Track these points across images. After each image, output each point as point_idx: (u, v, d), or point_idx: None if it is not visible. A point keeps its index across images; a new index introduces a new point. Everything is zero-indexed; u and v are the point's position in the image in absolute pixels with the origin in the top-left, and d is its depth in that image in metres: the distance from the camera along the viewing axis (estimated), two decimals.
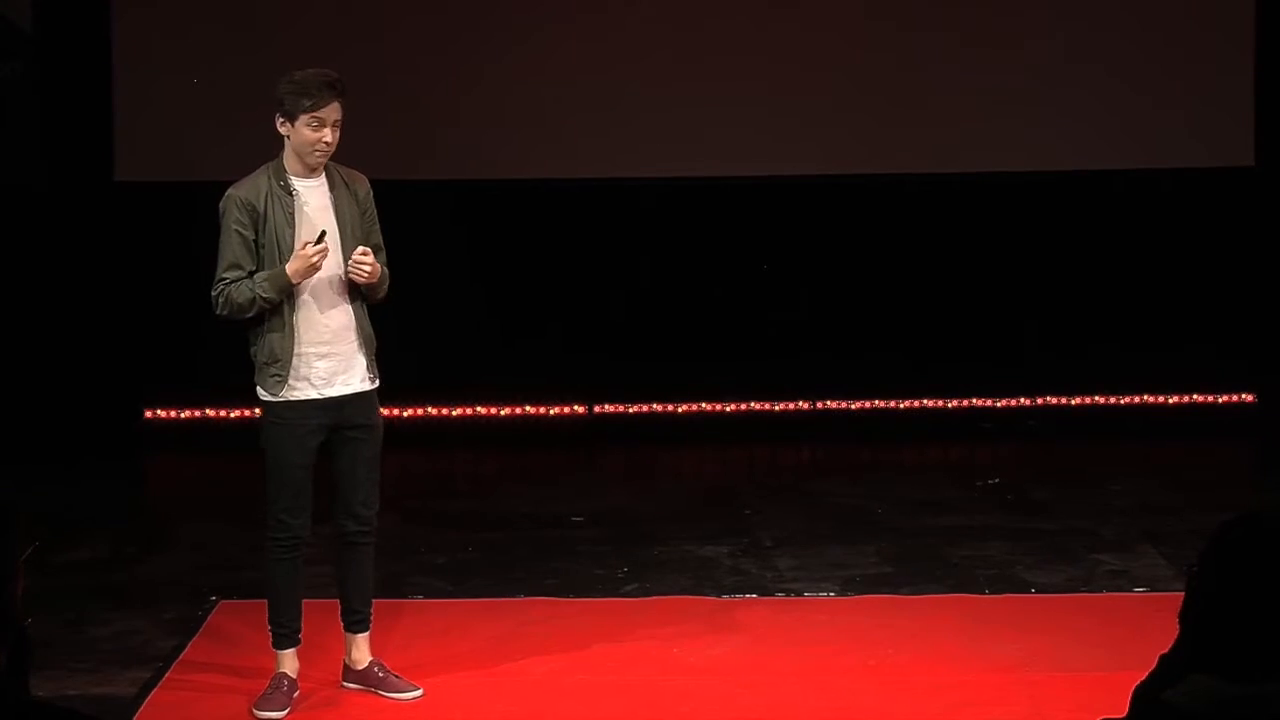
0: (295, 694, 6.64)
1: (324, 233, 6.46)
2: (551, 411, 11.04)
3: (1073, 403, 11.13)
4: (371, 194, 6.75)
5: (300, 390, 6.50)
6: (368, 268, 6.49)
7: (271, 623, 6.67)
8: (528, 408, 11.08)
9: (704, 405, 11.11)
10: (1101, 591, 7.90)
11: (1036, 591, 7.92)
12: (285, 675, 6.64)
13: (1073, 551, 8.47)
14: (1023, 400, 11.13)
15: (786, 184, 10.93)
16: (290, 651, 6.67)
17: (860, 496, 9.57)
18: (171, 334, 10.91)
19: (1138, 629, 7.09)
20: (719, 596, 7.87)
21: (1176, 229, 10.99)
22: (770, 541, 8.73)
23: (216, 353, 10.90)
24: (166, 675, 6.93)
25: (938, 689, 6.71)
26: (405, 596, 7.92)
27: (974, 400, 11.14)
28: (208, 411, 11.03)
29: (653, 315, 11.01)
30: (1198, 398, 11.13)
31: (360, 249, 6.51)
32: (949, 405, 11.15)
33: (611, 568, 8.34)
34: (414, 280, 11.06)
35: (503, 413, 11.12)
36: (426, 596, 7.93)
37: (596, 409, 11.05)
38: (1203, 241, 10.98)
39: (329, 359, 6.54)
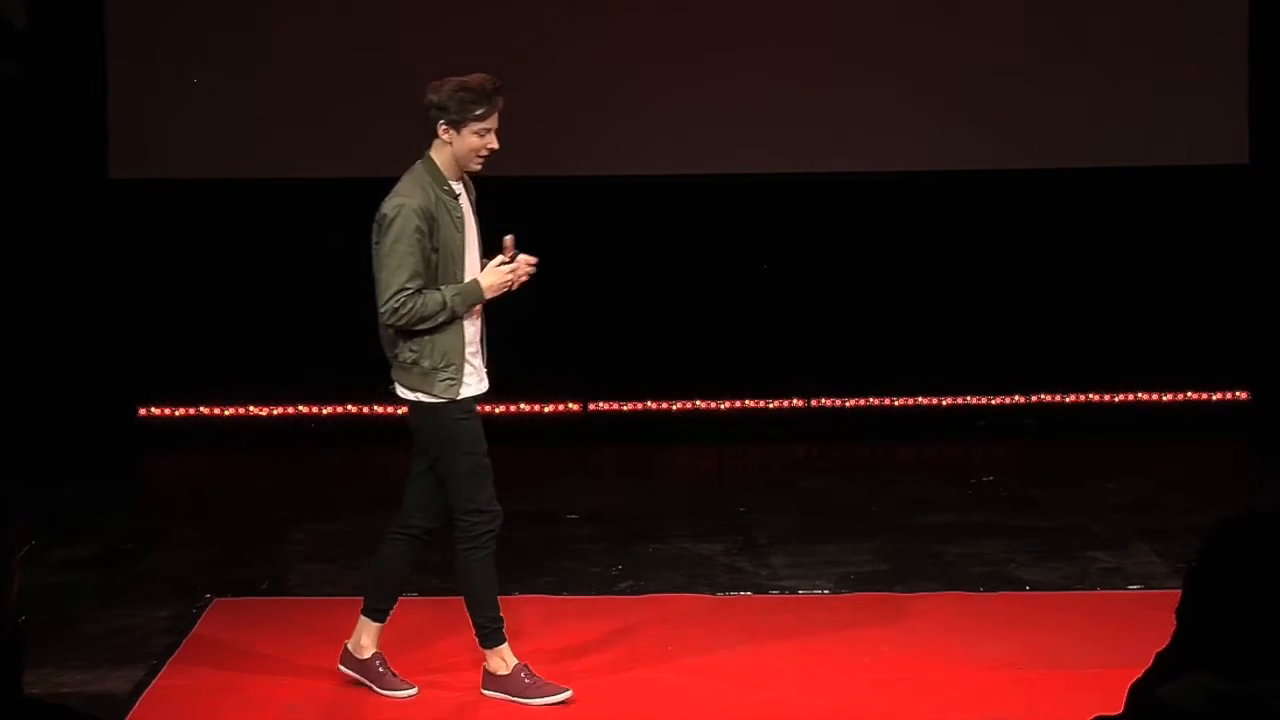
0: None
1: (516, 253, 6.52)
2: (546, 409, 11.03)
3: (1067, 401, 11.14)
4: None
5: (470, 387, 6.56)
6: (520, 273, 6.57)
7: (486, 619, 6.67)
8: (523, 405, 11.07)
9: (699, 403, 11.11)
10: (1096, 589, 7.91)
11: (1031, 589, 7.92)
12: (520, 666, 6.67)
13: (1067, 549, 8.48)
14: (1018, 398, 11.14)
15: (784, 183, 10.93)
16: (506, 645, 6.69)
17: (855, 494, 9.57)
18: (166, 332, 10.91)
19: (1132, 626, 7.10)
20: (714, 594, 7.87)
21: (1171, 227, 10.99)
22: (765, 539, 8.74)
23: (211, 351, 10.96)
24: (161, 673, 6.93)
25: (932, 686, 6.72)
26: (401, 594, 7.91)
27: (969, 398, 11.15)
28: (202, 409, 11.03)
29: (648, 313, 11.01)
30: (1192, 396, 11.14)
31: (527, 258, 6.55)
32: (944, 403, 11.15)
33: (606, 565, 8.34)
34: None
35: (497, 410, 11.10)
36: (422, 594, 7.93)
37: (591, 407, 11.04)
38: (1197, 240, 10.99)
39: (477, 355, 6.61)
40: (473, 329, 6.57)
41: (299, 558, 8.50)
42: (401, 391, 6.60)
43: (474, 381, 6.57)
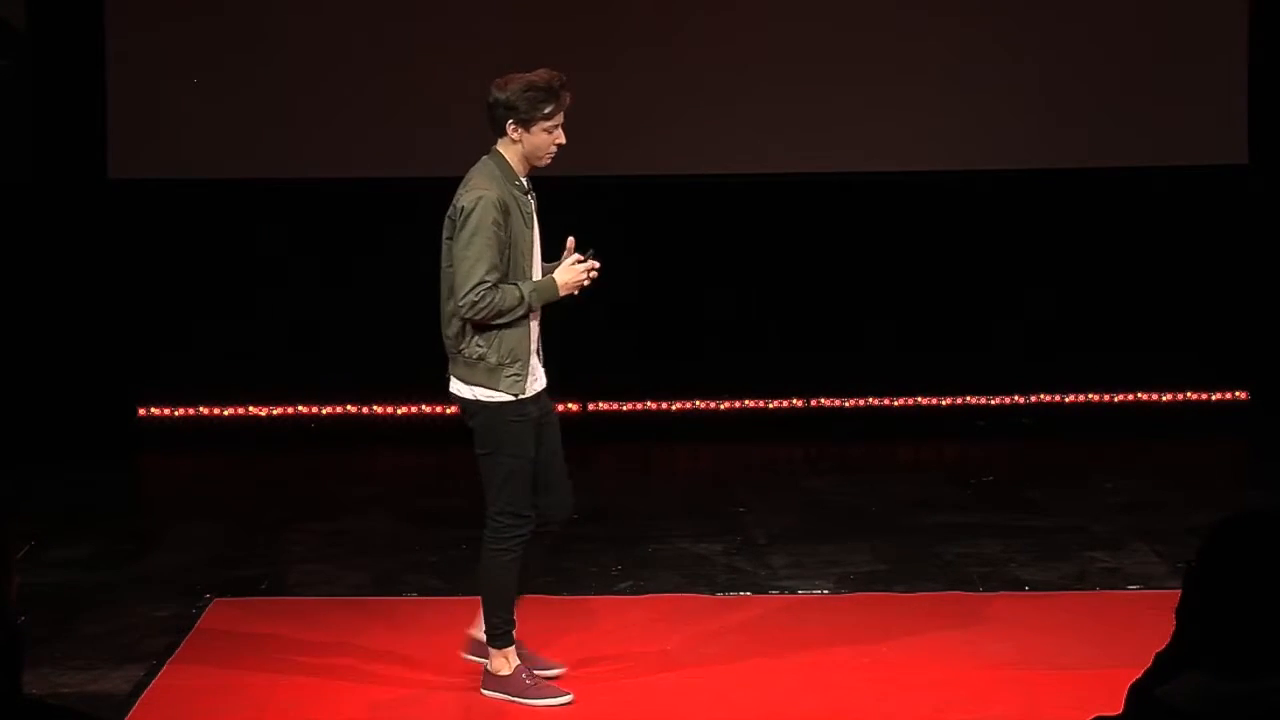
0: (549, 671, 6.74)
1: (591, 250, 6.52)
2: None
3: (1066, 400, 11.14)
4: None
5: (534, 385, 6.57)
6: (592, 274, 6.59)
7: (500, 620, 6.67)
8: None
9: (698, 403, 11.11)
10: (1095, 589, 7.91)
11: (1030, 589, 7.92)
12: (522, 667, 6.69)
13: (1066, 549, 8.48)
14: (1016, 398, 11.14)
15: (783, 183, 10.93)
16: (513, 648, 6.71)
17: (854, 494, 9.57)
18: (166, 332, 10.91)
19: (1131, 626, 7.10)
20: (713, 594, 7.87)
21: (1170, 227, 11.00)
22: (764, 539, 8.74)
23: (211, 351, 10.96)
24: (160, 672, 6.93)
25: (931, 686, 6.72)
26: (398, 594, 7.92)
27: (968, 398, 11.15)
28: (201, 410, 11.03)
29: (647, 313, 11.01)
30: (1191, 395, 11.15)
31: (593, 262, 6.54)
32: (943, 403, 11.16)
33: (606, 565, 8.34)
34: (416, 279, 11.08)
35: None
36: (420, 594, 7.93)
37: (590, 406, 11.04)
38: (1196, 239, 10.99)
39: (536, 355, 6.61)
40: (535, 328, 6.58)
41: (298, 558, 8.50)
42: (457, 387, 6.57)
43: (535, 382, 6.57)
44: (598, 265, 6.57)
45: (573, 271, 6.52)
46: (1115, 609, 7.55)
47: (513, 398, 6.50)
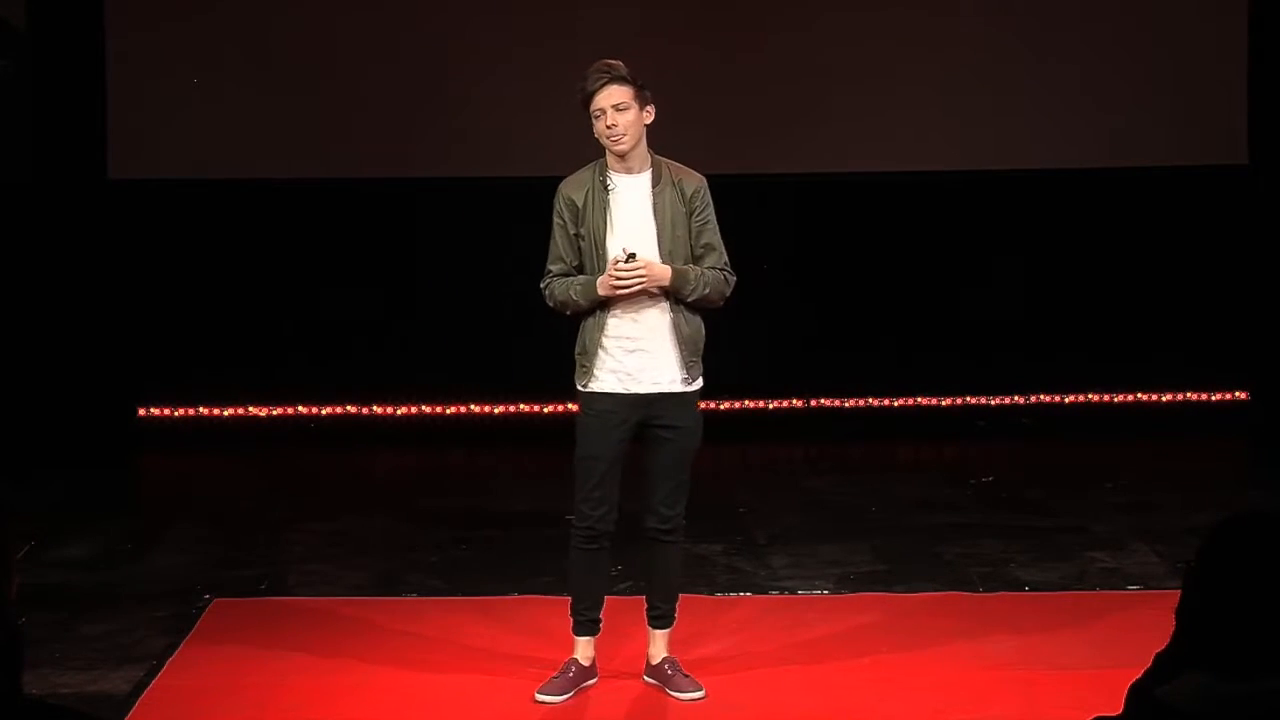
0: (587, 681, 6.68)
1: (633, 255, 6.31)
2: (546, 409, 11.03)
3: (1066, 400, 11.14)
4: (704, 193, 6.51)
5: (605, 382, 6.49)
6: (625, 280, 6.32)
7: (571, 610, 6.70)
8: (522, 405, 11.08)
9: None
10: (1095, 589, 7.91)
11: (1030, 589, 7.92)
12: (575, 661, 6.68)
13: (1066, 549, 8.47)
14: (1016, 398, 11.14)
15: (782, 182, 10.93)
16: (585, 640, 6.70)
17: (854, 494, 9.57)
18: (165, 332, 10.92)
19: (1131, 626, 7.10)
20: (713, 594, 7.87)
21: (1171, 227, 11.00)
22: (764, 539, 8.74)
23: (210, 351, 10.96)
24: (160, 673, 6.93)
25: (931, 687, 6.71)
26: (399, 594, 7.92)
27: (967, 398, 11.15)
28: (201, 410, 11.03)
29: None
30: (1191, 395, 11.15)
31: (621, 259, 6.30)
32: (943, 403, 11.16)
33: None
34: (417, 279, 11.11)
35: (497, 410, 11.12)
36: (420, 595, 7.93)
37: None
38: (1196, 239, 11.00)
39: (638, 355, 6.48)
40: (624, 326, 6.44)
41: (298, 558, 8.50)
42: None
43: (612, 379, 6.47)
44: (633, 266, 6.32)
45: (609, 278, 6.35)
46: (1115, 609, 7.54)
47: (581, 389, 6.51)
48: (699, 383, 6.63)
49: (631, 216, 6.44)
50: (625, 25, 10.73)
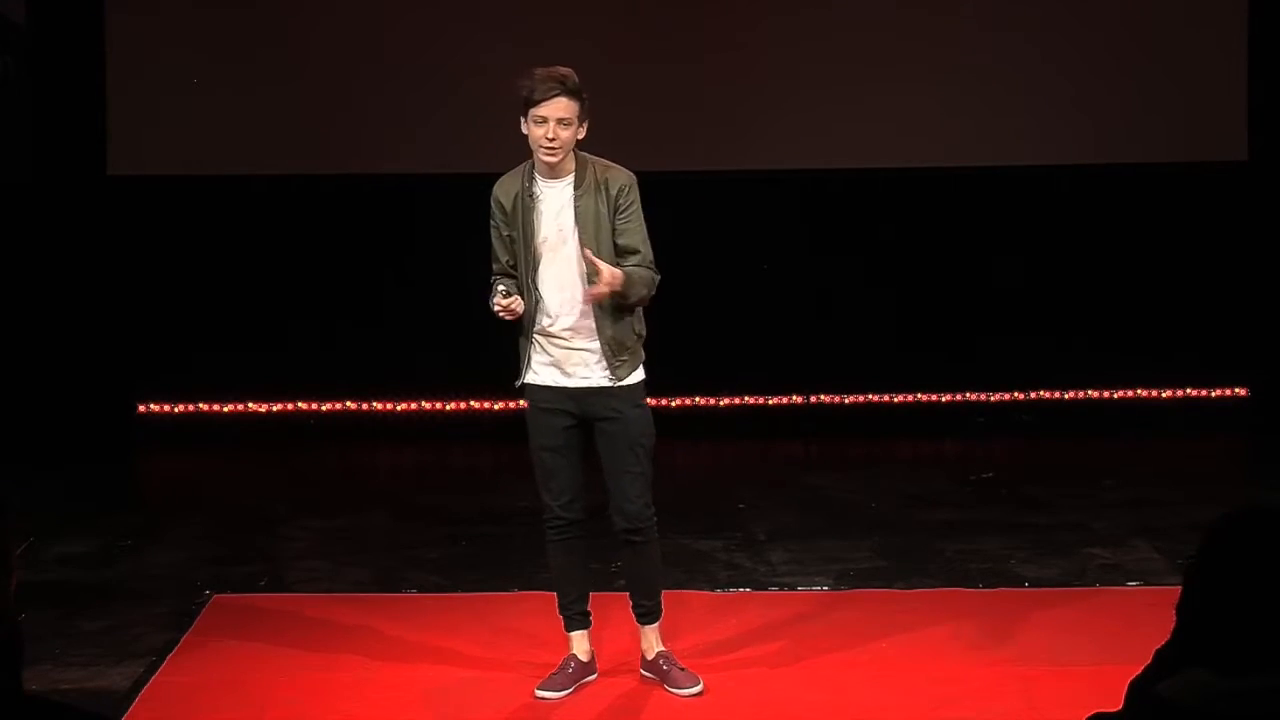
0: (587, 677, 6.68)
1: (508, 291, 6.37)
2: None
3: (1066, 397, 11.14)
4: (629, 191, 6.49)
5: (540, 375, 6.56)
6: (605, 288, 6.37)
7: (558, 607, 6.73)
8: (521, 403, 11.05)
9: (698, 400, 11.11)
10: (1094, 585, 7.91)
11: (1030, 586, 7.92)
12: (574, 657, 6.69)
13: (1066, 546, 8.47)
14: (1016, 395, 11.14)
15: (781, 180, 10.93)
16: (579, 634, 6.71)
17: (854, 491, 9.57)
18: (165, 329, 10.92)
19: (1131, 623, 7.10)
20: (713, 591, 7.87)
21: (1170, 224, 11.00)
22: (764, 535, 8.74)
23: (209, 348, 10.96)
24: (160, 669, 6.93)
25: (931, 683, 6.71)
26: (398, 591, 7.92)
27: (967, 395, 11.15)
28: (201, 406, 11.03)
29: (646, 311, 10.97)
30: (1191, 392, 11.15)
31: (606, 272, 6.34)
32: (942, 400, 11.16)
33: (605, 563, 8.33)
34: (415, 276, 11.11)
35: (496, 407, 11.11)
36: (420, 591, 7.93)
37: None
38: (1196, 236, 11.00)
39: (566, 351, 6.52)
40: (555, 322, 6.48)
41: (298, 554, 8.50)
42: None
43: (546, 372, 6.53)
44: (504, 305, 6.38)
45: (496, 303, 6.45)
46: (1115, 605, 7.54)
47: (518, 384, 6.62)
48: (634, 378, 6.61)
49: (553, 222, 6.43)
50: (625, 23, 10.74)
